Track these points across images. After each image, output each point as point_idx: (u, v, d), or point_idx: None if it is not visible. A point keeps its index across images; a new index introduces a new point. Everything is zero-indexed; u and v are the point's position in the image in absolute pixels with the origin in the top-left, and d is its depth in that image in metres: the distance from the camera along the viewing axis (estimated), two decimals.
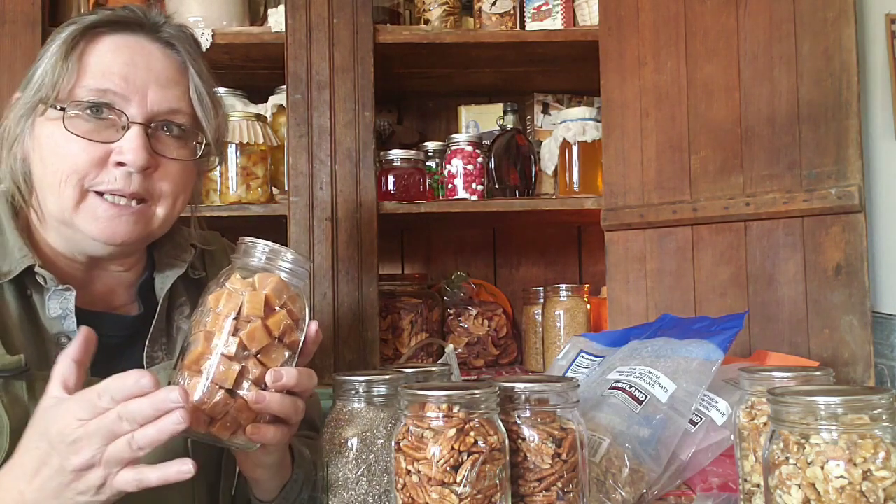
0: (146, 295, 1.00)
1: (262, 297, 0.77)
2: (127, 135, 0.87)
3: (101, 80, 0.88)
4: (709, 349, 1.07)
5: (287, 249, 0.82)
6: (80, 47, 0.88)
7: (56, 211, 0.89)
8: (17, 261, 0.88)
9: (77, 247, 0.92)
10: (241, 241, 0.83)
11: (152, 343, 0.96)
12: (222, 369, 0.75)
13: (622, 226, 1.64)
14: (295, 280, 0.81)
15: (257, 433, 0.77)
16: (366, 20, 1.72)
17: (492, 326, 1.95)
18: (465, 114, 2.11)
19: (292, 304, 0.80)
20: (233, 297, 0.77)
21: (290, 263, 0.81)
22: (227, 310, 0.77)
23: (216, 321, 0.77)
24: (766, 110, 1.46)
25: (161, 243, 1.02)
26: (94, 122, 0.87)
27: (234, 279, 0.79)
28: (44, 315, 0.89)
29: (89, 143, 0.87)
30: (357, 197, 1.70)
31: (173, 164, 0.92)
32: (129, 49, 0.90)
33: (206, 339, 0.77)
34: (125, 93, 0.88)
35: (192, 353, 0.77)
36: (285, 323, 0.79)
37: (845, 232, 1.36)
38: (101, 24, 0.90)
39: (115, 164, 0.87)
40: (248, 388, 0.76)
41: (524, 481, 0.78)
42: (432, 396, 0.75)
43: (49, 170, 0.88)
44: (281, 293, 0.79)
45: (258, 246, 0.81)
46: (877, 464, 0.65)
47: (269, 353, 0.78)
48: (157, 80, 0.90)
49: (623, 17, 1.67)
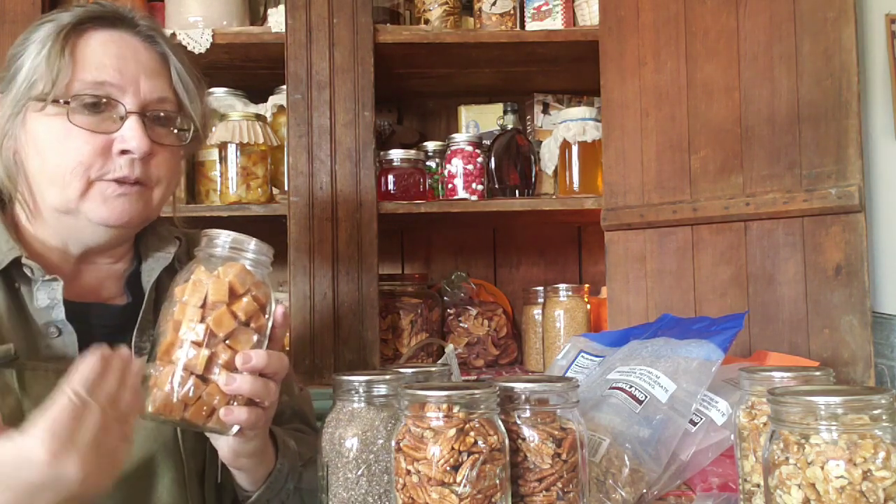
0: (134, 286, 1.02)
1: (226, 283, 0.79)
2: (127, 124, 0.91)
3: (97, 73, 0.91)
4: (709, 349, 1.07)
5: (250, 238, 0.84)
6: (69, 44, 0.91)
7: (59, 202, 0.91)
8: (4, 252, 0.90)
9: (74, 237, 0.95)
10: (204, 233, 0.85)
11: (140, 333, 0.97)
12: (192, 355, 0.77)
13: (622, 226, 1.64)
14: (259, 268, 0.84)
15: (230, 415, 0.79)
16: (366, 20, 1.72)
17: (492, 326, 1.95)
18: (465, 114, 2.11)
19: (257, 290, 0.82)
20: (198, 287, 0.80)
21: (252, 252, 0.83)
22: (193, 299, 0.79)
23: (182, 310, 0.79)
24: (766, 110, 1.46)
25: (146, 235, 1.04)
26: (94, 114, 0.90)
27: (198, 271, 0.82)
28: (31, 306, 0.91)
29: (92, 134, 0.90)
30: (357, 197, 1.70)
31: (166, 150, 0.96)
32: (116, 43, 0.94)
33: (174, 328, 0.79)
34: (121, 84, 0.91)
35: (161, 344, 0.79)
36: (250, 307, 0.81)
37: (845, 232, 1.36)
38: (85, 21, 0.93)
39: (119, 153, 0.91)
40: (218, 373, 0.79)
41: (524, 481, 0.78)
42: (432, 396, 0.75)
43: (51, 163, 0.90)
44: (245, 280, 0.81)
45: (220, 236, 0.84)
46: (877, 464, 0.65)
47: (237, 337, 0.80)
48: (146, 70, 0.94)
49: (623, 17, 1.67)
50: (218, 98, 1.85)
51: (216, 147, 1.75)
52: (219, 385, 0.78)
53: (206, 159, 1.81)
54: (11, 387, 0.85)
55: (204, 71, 1.88)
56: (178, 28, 1.71)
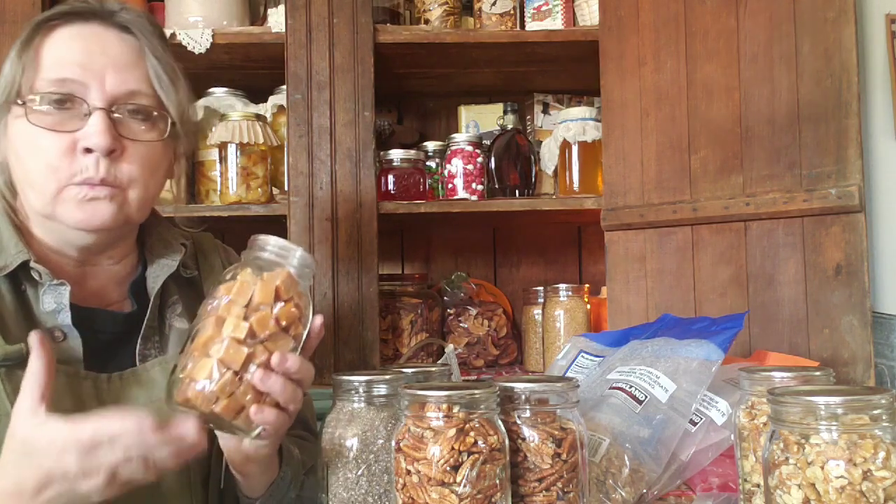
0: (138, 293, 1.01)
1: (272, 287, 0.80)
2: (90, 120, 0.88)
3: (58, 70, 0.89)
4: (709, 349, 1.07)
5: (297, 247, 0.85)
6: (35, 43, 0.90)
7: (38, 206, 0.90)
8: (13, 256, 0.89)
9: (64, 239, 0.93)
10: (253, 238, 0.85)
11: (145, 340, 0.96)
12: (232, 352, 0.77)
13: (622, 226, 1.64)
14: (303, 278, 0.84)
15: (260, 414, 0.78)
16: (366, 20, 1.72)
17: (492, 326, 1.95)
18: (465, 114, 2.11)
19: (299, 299, 0.83)
20: (245, 287, 0.80)
21: (298, 260, 0.84)
22: (238, 298, 0.79)
23: (228, 308, 0.79)
24: (766, 110, 1.46)
25: (149, 238, 1.03)
26: (57, 113, 0.88)
27: (245, 272, 0.82)
28: (38, 309, 0.91)
29: (56, 134, 0.88)
30: (357, 197, 1.70)
31: (139, 146, 0.92)
32: (83, 37, 0.91)
33: (216, 323, 0.79)
34: (84, 79, 0.89)
35: (201, 336, 0.79)
36: (292, 314, 0.81)
37: (845, 232, 1.36)
38: (55, 18, 0.91)
39: (84, 152, 0.88)
40: (254, 371, 0.79)
41: (524, 481, 0.78)
42: (432, 396, 0.75)
43: (25, 167, 0.89)
44: (290, 287, 0.82)
45: (269, 241, 0.84)
46: (877, 464, 0.65)
47: (275, 340, 0.80)
48: (114, 64, 0.91)
49: (623, 17, 1.67)
50: (218, 98, 1.85)
51: (216, 147, 1.75)
52: (254, 382, 0.78)
53: (206, 159, 1.81)
54: None
55: (204, 71, 1.87)
56: (178, 28, 1.71)
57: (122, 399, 0.92)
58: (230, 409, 0.78)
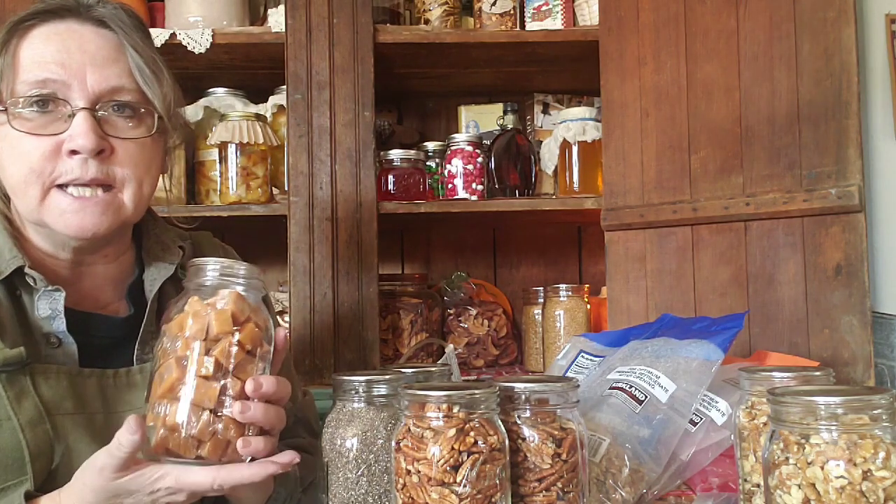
0: (136, 296, 0.99)
1: (227, 313, 0.77)
2: (74, 121, 0.86)
3: (37, 71, 0.86)
4: (709, 349, 1.07)
5: (239, 263, 0.82)
6: (12, 46, 0.88)
7: (26, 212, 0.89)
8: (7, 261, 0.88)
9: (57, 242, 0.92)
10: (191, 263, 0.83)
11: (142, 345, 0.95)
12: (203, 391, 0.75)
13: (622, 226, 1.64)
14: (252, 292, 0.81)
15: (248, 446, 0.77)
16: (366, 20, 1.72)
17: (492, 326, 1.95)
18: (465, 114, 2.11)
19: (255, 316, 0.80)
20: (198, 318, 0.77)
21: (243, 277, 0.81)
22: (194, 332, 0.76)
23: (186, 345, 0.76)
24: (766, 110, 1.46)
25: (146, 238, 1.01)
26: (40, 117, 0.86)
27: (192, 301, 0.79)
28: (32, 315, 0.89)
29: (39, 137, 0.85)
30: (357, 197, 1.70)
31: (129, 144, 0.90)
32: (60, 36, 0.88)
33: (177, 364, 0.76)
34: (64, 79, 0.86)
35: (165, 381, 0.76)
36: (255, 334, 0.79)
37: (845, 232, 1.36)
38: (30, 18, 0.89)
39: (69, 154, 0.86)
40: (230, 405, 0.76)
41: (524, 481, 0.78)
42: (432, 396, 0.75)
43: (9, 172, 0.88)
44: (243, 307, 0.79)
45: (209, 264, 0.81)
46: (877, 464, 0.65)
47: (244, 367, 0.78)
48: (94, 60, 0.88)
49: (623, 17, 1.67)
50: (218, 98, 1.85)
51: (216, 147, 1.75)
52: (233, 416, 0.76)
53: (206, 159, 1.81)
54: (28, 390, 0.84)
55: (204, 71, 1.87)
56: (178, 28, 1.71)
57: (125, 398, 0.91)
58: (216, 450, 0.76)
